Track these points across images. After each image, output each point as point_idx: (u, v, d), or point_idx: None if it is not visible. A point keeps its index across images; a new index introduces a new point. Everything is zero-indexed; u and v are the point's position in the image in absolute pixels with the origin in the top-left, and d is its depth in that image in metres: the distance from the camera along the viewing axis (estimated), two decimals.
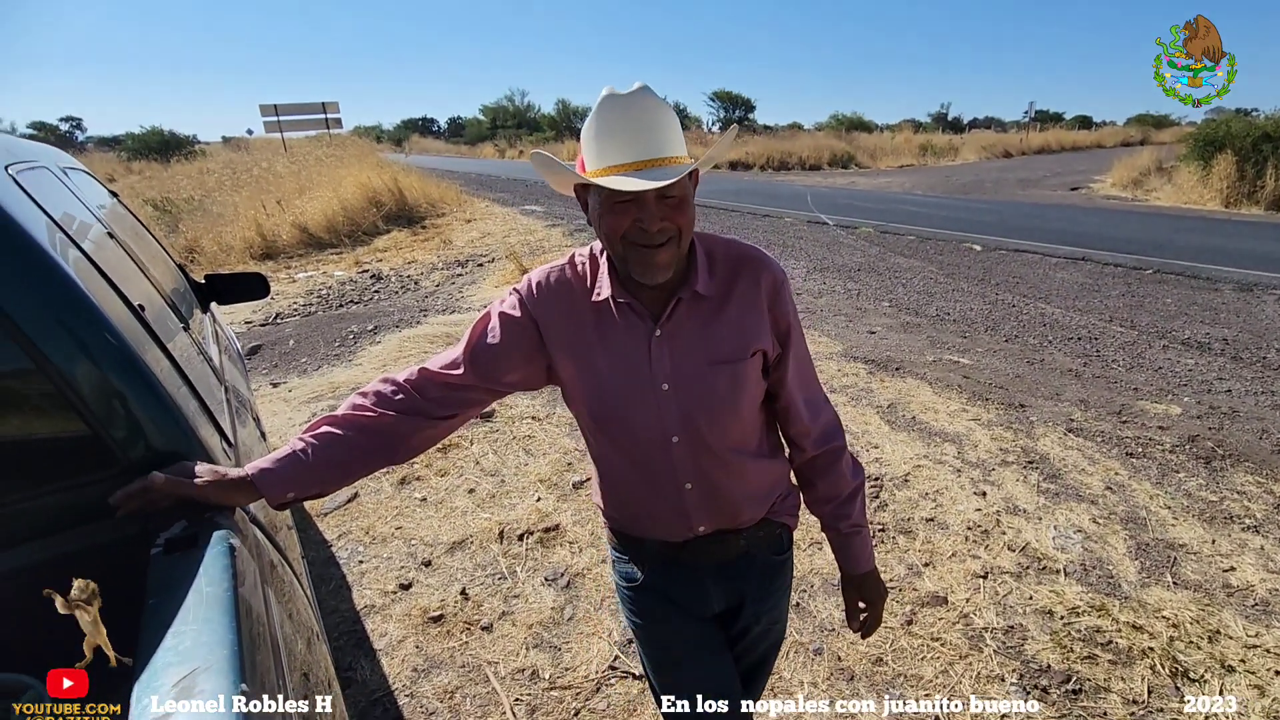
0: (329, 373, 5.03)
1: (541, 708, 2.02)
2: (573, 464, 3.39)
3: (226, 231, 10.22)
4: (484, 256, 8.87)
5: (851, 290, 6.95)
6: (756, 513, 1.18)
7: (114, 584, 0.93)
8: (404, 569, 2.68)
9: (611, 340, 1.08)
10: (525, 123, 52.58)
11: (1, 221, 0.94)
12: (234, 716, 0.59)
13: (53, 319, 0.96)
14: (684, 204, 0.99)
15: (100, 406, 0.98)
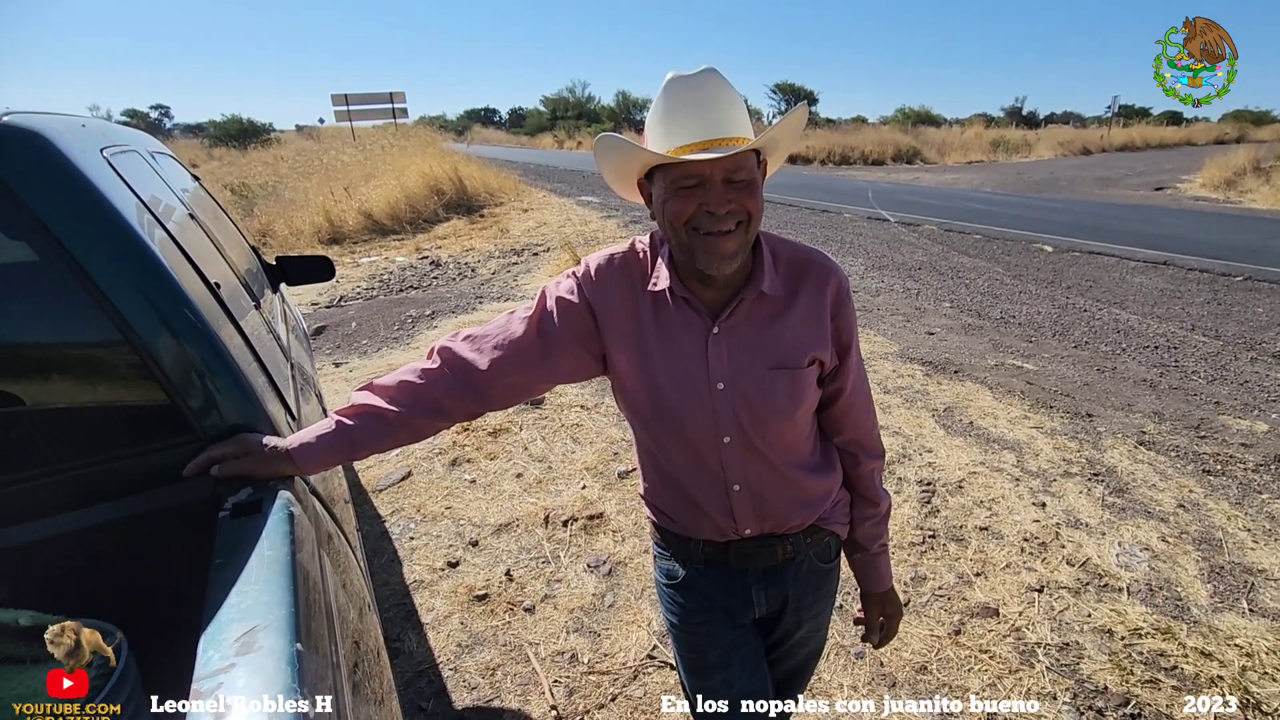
0: (387, 355, 5.21)
1: (579, 690, 2.05)
2: (619, 454, 3.42)
3: (297, 216, 10.67)
4: (539, 246, 8.99)
5: (911, 289, 6.75)
6: (805, 519, 1.15)
7: (187, 543, 0.99)
8: (452, 547, 2.76)
9: (667, 334, 1.05)
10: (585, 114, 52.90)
11: (96, 202, 1.01)
12: (291, 671, 0.62)
13: (140, 295, 1.02)
14: (753, 188, 0.96)
15: (179, 378, 1.05)
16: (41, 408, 1.06)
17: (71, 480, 1.02)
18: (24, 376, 1.06)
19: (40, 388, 1.06)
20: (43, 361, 1.05)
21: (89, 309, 1.00)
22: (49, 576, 0.97)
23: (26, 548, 0.96)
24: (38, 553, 0.97)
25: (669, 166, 0.97)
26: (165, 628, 0.94)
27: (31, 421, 1.06)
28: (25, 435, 1.05)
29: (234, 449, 1.03)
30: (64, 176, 0.98)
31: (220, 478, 1.01)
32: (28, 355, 1.05)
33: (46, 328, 1.04)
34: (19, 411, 1.05)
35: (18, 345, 1.05)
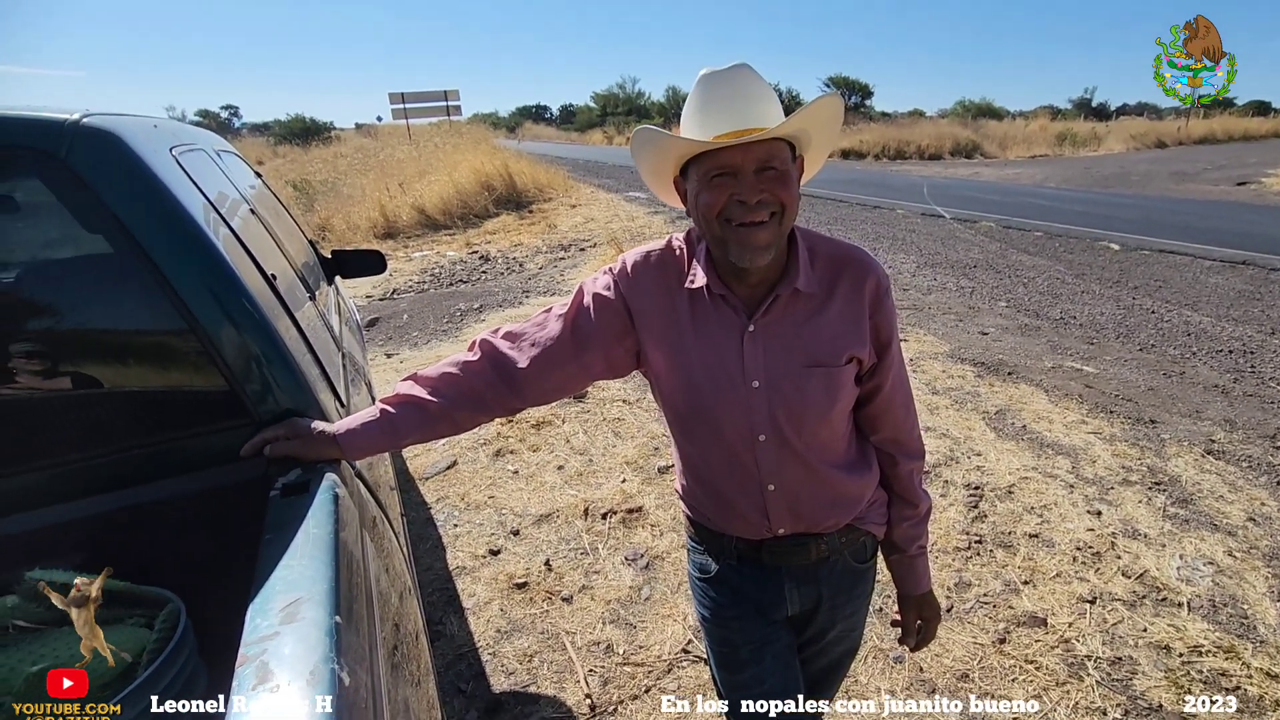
0: (437, 347, 5.35)
1: (614, 681, 2.08)
2: (659, 449, 3.43)
3: (354, 211, 11.03)
4: (586, 241, 9.07)
5: (965, 288, 6.54)
6: (840, 519, 1.14)
7: (241, 520, 1.05)
8: (494, 536, 2.83)
9: (703, 330, 1.06)
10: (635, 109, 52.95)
11: (164, 198, 1.07)
12: (330, 641, 0.66)
13: (203, 287, 1.09)
14: (785, 179, 0.96)
15: (238, 366, 1.11)
16: (116, 390, 1.14)
17: (141, 457, 1.09)
18: (100, 361, 1.14)
19: (114, 372, 1.14)
20: (117, 347, 1.13)
21: (158, 299, 1.06)
22: (118, 545, 1.04)
23: (100, 518, 1.04)
24: (109, 523, 1.04)
25: (702, 159, 0.97)
26: (219, 596, 1.00)
27: (106, 403, 1.14)
28: (100, 415, 1.13)
29: (285, 432, 1.09)
30: (135, 174, 1.05)
31: (272, 458, 1.07)
32: (103, 341, 1.13)
33: (121, 316, 1.12)
34: (96, 393, 1.13)
35: (95, 331, 1.13)
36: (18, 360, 1.12)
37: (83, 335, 1.14)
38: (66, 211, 1.06)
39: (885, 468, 1.20)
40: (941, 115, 40.65)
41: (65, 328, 1.16)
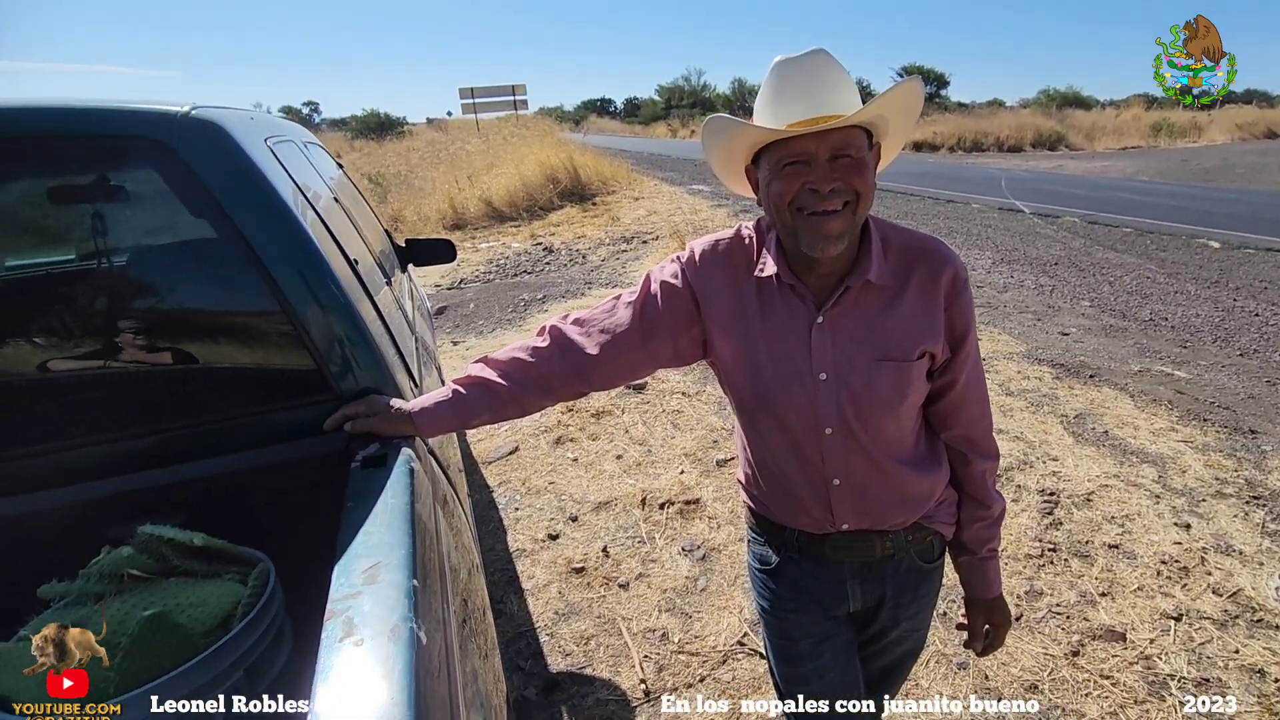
0: (501, 335, 5.49)
1: (669, 668, 2.10)
2: (718, 442, 3.43)
3: (425, 203, 11.40)
4: (648, 234, 9.09)
5: (1044, 286, 6.23)
6: (907, 517, 1.12)
7: (325, 489, 1.11)
8: (553, 521, 2.89)
9: (771, 321, 1.05)
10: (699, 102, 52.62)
11: (261, 186, 1.15)
12: (408, 602, 0.70)
13: (294, 271, 1.15)
14: (860, 167, 0.94)
15: (324, 345, 1.17)
16: (215, 365, 1.23)
17: (236, 428, 1.17)
18: (201, 338, 1.23)
19: (214, 348, 1.23)
20: (217, 326, 1.22)
21: (254, 282, 1.14)
22: (216, 507, 1.13)
23: (201, 482, 1.12)
24: (208, 487, 1.13)
25: (774, 147, 0.96)
26: (302, 558, 1.06)
27: (207, 377, 1.23)
28: (202, 388, 1.22)
29: (365, 409, 1.14)
30: (236, 163, 1.12)
31: (352, 433, 1.13)
32: (205, 320, 1.22)
33: (221, 297, 1.21)
34: (198, 368, 1.22)
35: (198, 311, 1.22)
36: (128, 336, 1.22)
37: (187, 314, 1.24)
38: (174, 198, 1.15)
39: (956, 467, 1.16)
40: (1023, 105, 38.65)
41: (171, 307, 1.26)
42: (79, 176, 1.18)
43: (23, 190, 1.26)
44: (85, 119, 1.11)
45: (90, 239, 1.29)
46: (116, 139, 1.11)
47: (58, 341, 1.23)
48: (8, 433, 1.13)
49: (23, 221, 1.36)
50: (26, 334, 1.23)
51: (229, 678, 0.87)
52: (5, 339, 1.20)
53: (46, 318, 1.28)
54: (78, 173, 1.18)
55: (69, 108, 1.11)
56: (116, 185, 1.21)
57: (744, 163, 1.06)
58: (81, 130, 1.12)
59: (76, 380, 1.21)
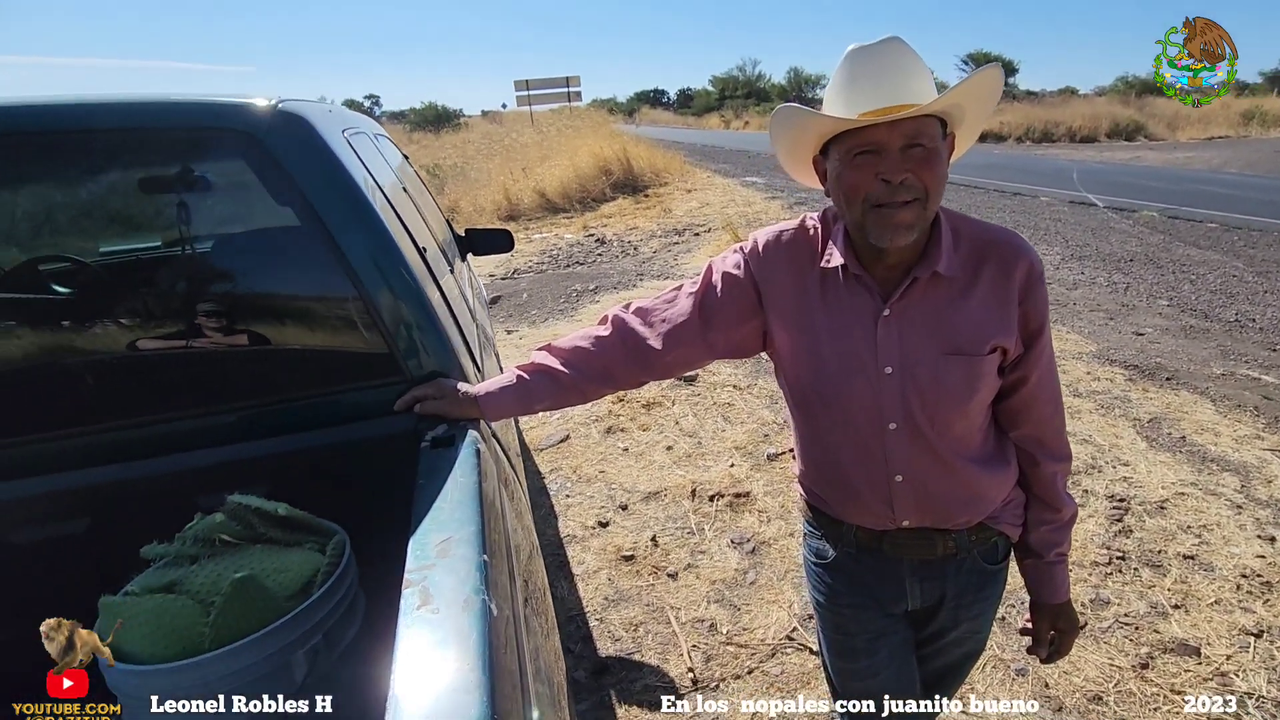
0: (553, 325, 5.57)
1: (716, 658, 2.11)
2: (769, 436, 3.40)
3: (480, 195, 11.63)
4: (701, 226, 9.05)
5: (1118, 283, 5.93)
6: (971, 516, 1.09)
7: (393, 467, 1.16)
8: (603, 509, 2.93)
9: (835, 313, 1.03)
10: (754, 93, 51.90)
11: (341, 175, 1.20)
12: (479, 575, 0.73)
13: (369, 257, 1.20)
14: (933, 158, 0.91)
15: (395, 329, 1.22)
16: (294, 347, 1.29)
17: (313, 406, 1.23)
18: (282, 321, 1.30)
19: (294, 331, 1.30)
20: (297, 310, 1.28)
21: (332, 268, 1.19)
22: (294, 480, 1.19)
23: (282, 455, 1.18)
24: (289, 461, 1.19)
25: (845, 137, 0.95)
26: (373, 531, 1.11)
27: (287, 358, 1.29)
28: (282, 368, 1.29)
29: (433, 391, 1.18)
30: (319, 154, 1.18)
31: (421, 414, 1.17)
32: (286, 304, 1.29)
33: (302, 282, 1.27)
34: (279, 349, 1.29)
35: (280, 295, 1.29)
36: (215, 318, 1.30)
37: (269, 298, 1.30)
38: (260, 187, 1.22)
39: (1025, 467, 1.13)
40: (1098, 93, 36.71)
41: (254, 291, 1.33)
42: (171, 167, 1.26)
43: (118, 180, 1.35)
44: (179, 112, 1.19)
45: (179, 227, 1.38)
46: (209, 131, 1.18)
47: (149, 322, 1.31)
48: (105, 406, 1.22)
49: (118, 210, 1.46)
50: (121, 315, 1.32)
51: (309, 640, 0.92)
52: (102, 319, 1.30)
53: (140, 300, 1.38)
54: (170, 164, 1.26)
55: (165, 102, 1.18)
56: (207, 175, 1.28)
57: (812, 153, 1.05)
58: (175, 123, 1.19)
59: (168, 359, 1.29)
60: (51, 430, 1.15)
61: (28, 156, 1.19)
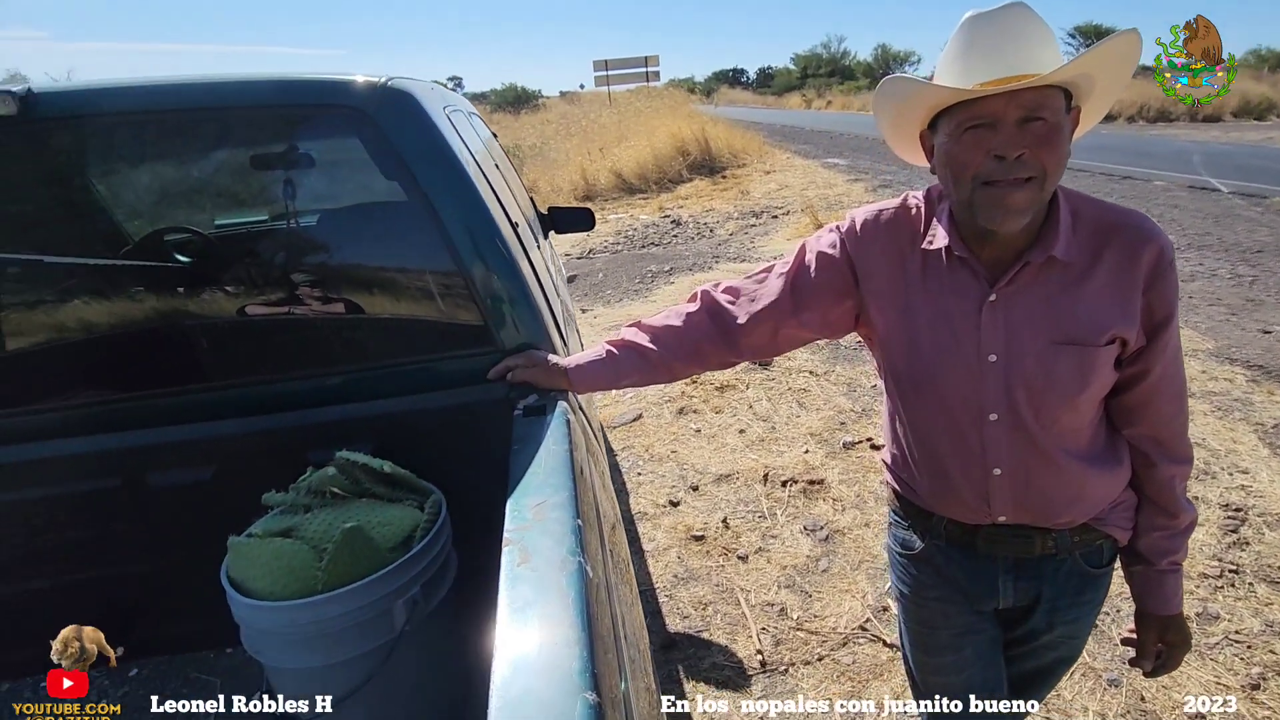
0: (628, 306, 5.60)
1: (786, 643, 2.10)
2: (846, 424, 3.33)
3: (558, 175, 11.77)
4: (779, 209, 8.85)
5: (1242, 276, 5.42)
6: (1075, 517, 1.03)
7: (486, 432, 1.21)
8: (674, 488, 2.95)
9: (937, 297, 0.99)
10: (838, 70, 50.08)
11: (444, 151, 1.24)
12: (574, 539, 0.75)
13: (469, 231, 1.24)
14: (1054, 136, 0.85)
15: (490, 301, 1.26)
16: (395, 317, 1.36)
17: (413, 372, 1.29)
18: (386, 291, 1.37)
19: (396, 300, 1.36)
20: (401, 281, 1.35)
21: (434, 241, 1.24)
22: (394, 441, 1.25)
23: (385, 417, 1.25)
24: (392, 421, 1.26)
25: (956, 109, 0.89)
26: (464, 492, 1.16)
27: (388, 327, 1.36)
28: (385, 335, 1.36)
29: (525, 361, 1.22)
30: (425, 130, 1.22)
31: (513, 383, 1.21)
32: (391, 275, 1.35)
33: (404, 255, 1.33)
34: (378, 319, 1.36)
35: (382, 267, 1.36)
36: (321, 288, 1.38)
37: (373, 270, 1.38)
38: (368, 162, 1.27)
39: (1139, 469, 1.04)
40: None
41: (360, 263, 1.40)
42: (286, 143, 1.34)
43: (234, 156, 1.45)
44: (296, 90, 1.25)
45: (289, 201, 1.46)
46: (323, 108, 1.24)
47: (264, 290, 1.41)
48: (227, 366, 1.32)
49: (233, 185, 1.57)
50: (235, 282, 1.43)
51: (410, 589, 0.98)
52: (222, 287, 1.40)
53: (255, 269, 1.48)
54: (285, 139, 1.34)
55: (282, 80, 1.25)
56: (318, 151, 1.35)
57: (919, 127, 1.00)
58: (292, 100, 1.26)
59: (279, 324, 1.38)
60: (181, 385, 1.26)
61: (155, 134, 1.29)
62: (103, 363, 1.31)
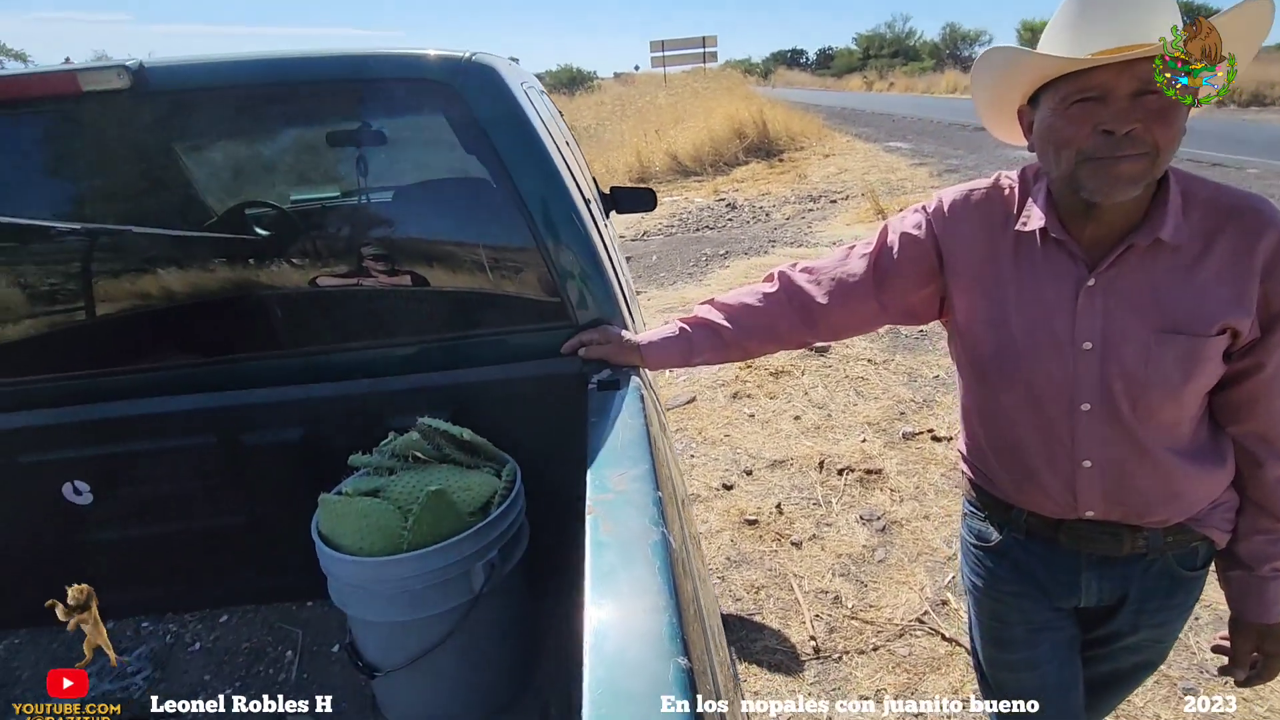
0: (682, 289, 5.58)
1: (840, 630, 2.08)
2: (905, 414, 3.25)
3: (612, 156, 11.75)
4: (838, 193, 8.65)
5: None
6: (1170, 516, 0.98)
7: (562, 405, 1.23)
8: (728, 472, 2.94)
9: (1029, 281, 0.95)
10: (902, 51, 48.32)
11: (526, 127, 1.25)
12: (656, 510, 0.76)
13: (546, 206, 1.26)
14: (1170, 110, 0.80)
15: (566, 276, 1.28)
16: (471, 290, 1.39)
17: (489, 344, 1.32)
18: (464, 265, 1.40)
19: (474, 274, 1.39)
20: (479, 254, 1.37)
21: (513, 216, 1.26)
22: (473, 409, 1.29)
23: (461, 386, 1.28)
24: (466, 391, 1.29)
25: (1061, 81, 0.84)
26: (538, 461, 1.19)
27: (466, 300, 1.39)
28: (463, 308, 1.39)
29: (599, 337, 1.23)
30: (508, 105, 1.24)
31: (586, 358, 1.22)
32: (467, 249, 1.38)
33: (484, 229, 1.35)
34: (456, 292, 1.39)
35: (462, 241, 1.38)
36: (404, 263, 1.42)
37: (454, 243, 1.40)
38: (451, 137, 1.30)
39: (1244, 468, 0.98)
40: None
41: (440, 236, 1.44)
42: (373, 116, 1.38)
43: (320, 130, 1.49)
44: (383, 64, 1.28)
45: (368, 176, 1.50)
46: (410, 82, 1.27)
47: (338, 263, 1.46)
48: (313, 333, 1.37)
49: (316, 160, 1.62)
50: (313, 254, 1.48)
51: (488, 553, 1.01)
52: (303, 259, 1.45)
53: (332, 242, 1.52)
54: (371, 113, 1.37)
55: (369, 55, 1.28)
56: (403, 126, 1.39)
57: (1020, 102, 0.95)
58: (379, 74, 1.28)
59: (361, 295, 1.43)
60: (271, 350, 1.32)
61: (251, 108, 1.33)
62: (198, 328, 1.39)
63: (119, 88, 1.14)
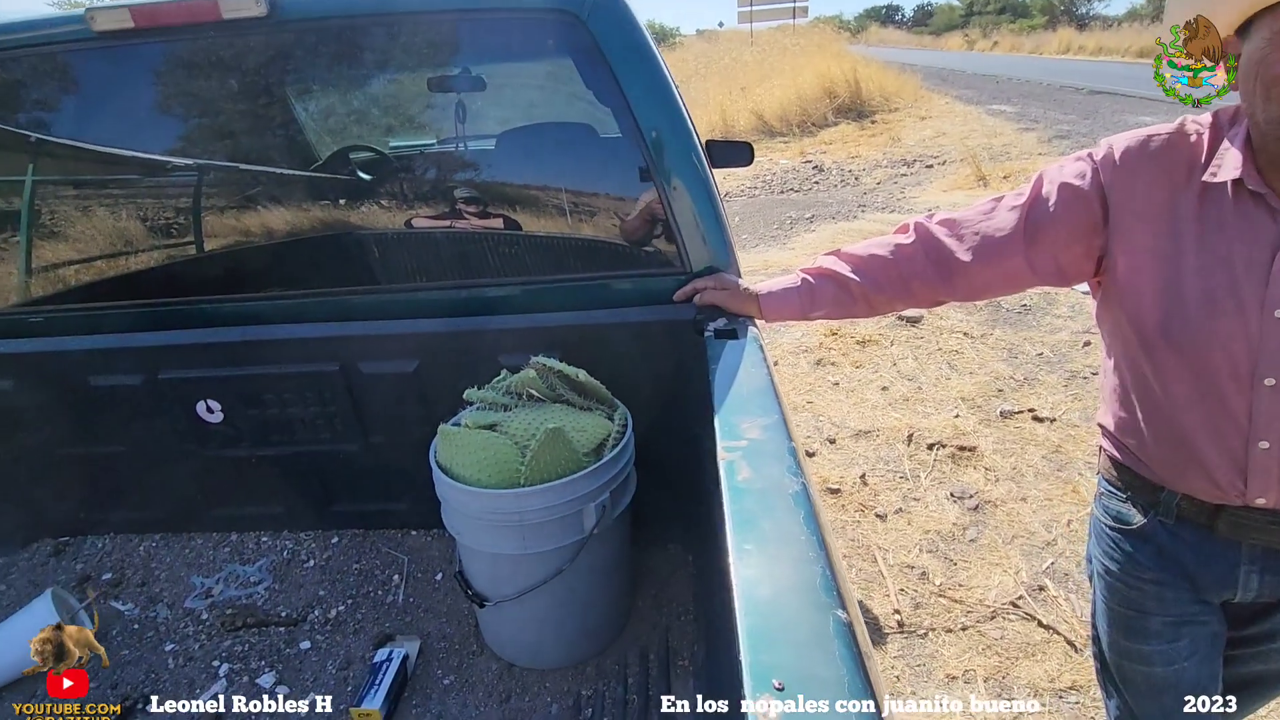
0: (765, 252, 5.44)
1: (926, 607, 2.02)
2: (1004, 391, 3.08)
3: (695, 115, 11.38)
4: (934, 158, 8.17)
5: None
6: None
7: (674, 352, 1.20)
8: (809, 439, 2.87)
9: (1213, 239, 0.85)
10: (1009, 7, 44.72)
11: (652, 62, 1.21)
12: (792, 459, 0.72)
13: (668, 147, 1.21)
14: None
15: (683, 221, 1.23)
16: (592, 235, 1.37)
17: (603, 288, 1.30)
18: (582, 207, 1.38)
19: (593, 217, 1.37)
20: (599, 196, 1.35)
21: (633, 158, 1.22)
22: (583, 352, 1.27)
23: (576, 328, 1.27)
24: (577, 334, 1.28)
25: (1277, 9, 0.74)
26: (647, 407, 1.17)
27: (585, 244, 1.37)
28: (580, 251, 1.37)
29: (715, 284, 1.19)
30: (634, 37, 1.19)
31: (701, 305, 1.19)
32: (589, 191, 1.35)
33: (604, 171, 1.32)
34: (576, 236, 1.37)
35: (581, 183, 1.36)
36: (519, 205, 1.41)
37: (570, 187, 1.38)
38: (572, 74, 1.26)
39: None
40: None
41: (555, 180, 1.42)
42: (497, 49, 1.35)
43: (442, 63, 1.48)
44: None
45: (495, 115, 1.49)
46: (536, 13, 1.23)
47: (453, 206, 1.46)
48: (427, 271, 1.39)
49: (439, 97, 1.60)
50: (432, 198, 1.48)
51: (600, 494, 1.01)
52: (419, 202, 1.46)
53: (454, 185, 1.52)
54: (496, 46, 1.35)
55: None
56: (527, 64, 1.36)
57: (1227, 32, 0.84)
58: (505, 4, 1.25)
59: (476, 236, 1.43)
60: (388, 284, 1.35)
61: (381, 39, 1.33)
62: (323, 261, 1.43)
63: (257, 15, 1.15)
